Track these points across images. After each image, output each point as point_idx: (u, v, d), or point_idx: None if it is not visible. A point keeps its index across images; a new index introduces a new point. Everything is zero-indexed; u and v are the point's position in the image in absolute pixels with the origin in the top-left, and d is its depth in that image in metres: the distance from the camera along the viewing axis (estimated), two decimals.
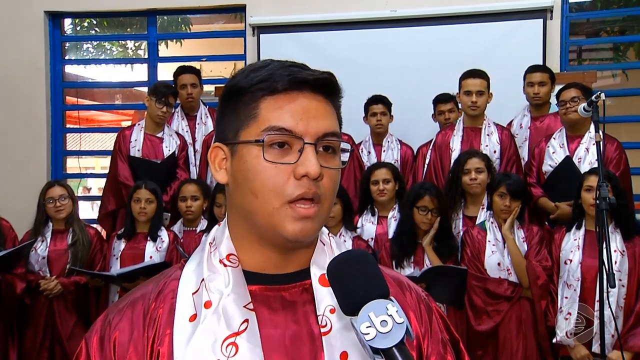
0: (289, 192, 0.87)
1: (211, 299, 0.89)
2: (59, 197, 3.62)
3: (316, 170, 0.86)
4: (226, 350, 0.86)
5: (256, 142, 0.88)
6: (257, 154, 0.88)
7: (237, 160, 0.90)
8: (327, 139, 0.90)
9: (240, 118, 0.91)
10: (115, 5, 5.48)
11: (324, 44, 5.05)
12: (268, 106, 0.89)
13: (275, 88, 0.89)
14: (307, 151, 0.87)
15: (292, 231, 0.88)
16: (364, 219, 3.71)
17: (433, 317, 1.00)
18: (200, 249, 0.97)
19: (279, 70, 0.89)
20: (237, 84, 0.92)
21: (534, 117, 4.12)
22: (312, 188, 0.87)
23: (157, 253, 3.56)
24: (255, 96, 0.90)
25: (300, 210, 0.87)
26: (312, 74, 0.91)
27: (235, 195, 0.92)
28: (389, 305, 0.78)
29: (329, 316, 0.90)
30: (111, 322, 0.92)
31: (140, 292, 0.95)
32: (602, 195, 2.53)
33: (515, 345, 3.21)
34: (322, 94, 0.92)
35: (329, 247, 0.97)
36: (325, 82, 0.92)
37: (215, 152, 0.94)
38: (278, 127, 0.87)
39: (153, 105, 4.05)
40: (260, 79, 0.89)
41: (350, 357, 0.88)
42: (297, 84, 0.89)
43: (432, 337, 0.98)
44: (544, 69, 4.06)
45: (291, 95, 0.89)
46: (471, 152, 3.63)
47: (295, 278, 0.94)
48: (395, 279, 1.01)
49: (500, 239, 3.30)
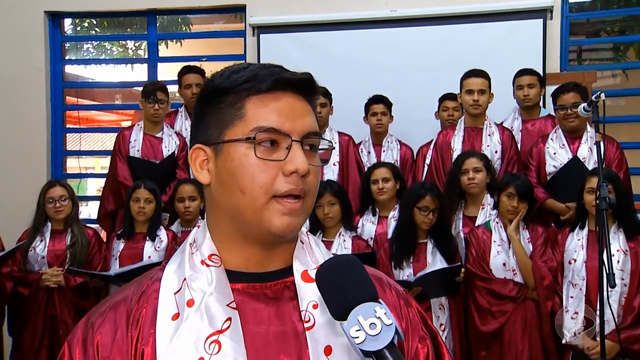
0: (277, 188, 0.89)
1: (194, 298, 0.90)
2: (59, 198, 3.61)
3: (306, 167, 0.89)
4: (209, 348, 0.87)
5: (247, 139, 0.89)
6: (246, 151, 0.90)
7: (223, 159, 0.92)
8: (310, 138, 0.93)
9: (224, 118, 0.92)
10: (115, 5, 5.48)
11: (324, 44, 5.05)
12: (254, 105, 0.91)
13: (260, 88, 0.91)
14: (294, 148, 0.90)
15: (280, 225, 0.90)
16: (365, 219, 3.71)
17: (412, 311, 1.02)
18: (180, 250, 0.98)
19: (261, 71, 0.92)
20: (219, 85, 0.94)
21: (524, 120, 4.14)
22: (300, 185, 0.90)
23: (155, 253, 3.56)
24: (239, 96, 0.92)
25: (287, 204, 0.90)
26: (294, 75, 0.94)
27: (220, 194, 0.93)
28: (377, 307, 0.80)
29: (312, 311, 0.92)
30: (94, 324, 0.92)
31: (122, 295, 0.96)
32: (602, 195, 2.53)
33: (520, 346, 3.21)
34: (302, 94, 0.95)
35: (308, 245, 1.00)
36: (307, 82, 0.95)
37: (196, 154, 0.95)
38: (267, 126, 0.90)
39: (145, 106, 4.10)
40: (244, 79, 0.92)
41: (334, 350, 0.89)
42: (281, 83, 0.92)
43: (412, 331, 1.00)
44: (532, 72, 4.09)
45: (276, 95, 0.92)
46: (469, 152, 3.63)
47: (278, 276, 0.95)
48: (375, 277, 1.01)
49: (505, 239, 3.30)
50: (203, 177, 0.95)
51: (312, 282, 0.92)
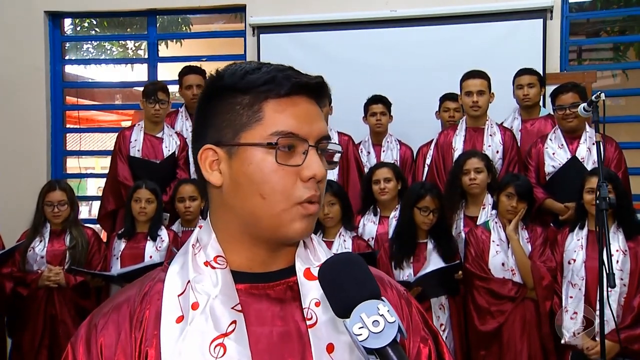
0: (299, 195, 0.89)
1: (198, 300, 0.90)
2: (58, 203, 3.60)
3: (323, 172, 0.90)
4: (214, 351, 0.87)
5: (268, 145, 0.88)
6: (264, 156, 0.89)
7: (239, 162, 0.90)
8: (323, 142, 0.93)
9: (239, 120, 0.90)
10: (115, 5, 5.48)
11: (324, 44, 5.05)
12: (272, 109, 0.90)
13: (279, 92, 0.90)
14: (311, 153, 0.90)
15: (300, 229, 0.91)
16: (366, 219, 3.71)
17: (413, 311, 1.02)
18: (183, 251, 0.98)
19: (279, 74, 0.90)
20: (234, 85, 0.91)
21: (524, 120, 4.14)
22: (317, 190, 0.91)
23: (157, 253, 3.56)
24: (257, 98, 0.90)
25: (309, 207, 0.90)
26: (311, 79, 0.93)
27: (233, 197, 0.92)
28: (380, 305, 0.79)
29: (314, 309, 0.92)
30: (97, 325, 0.92)
31: (124, 296, 0.95)
32: (602, 195, 2.54)
33: (519, 346, 3.21)
34: (315, 98, 0.94)
35: (311, 244, 0.99)
36: (321, 86, 0.94)
37: (206, 154, 0.93)
38: (287, 131, 0.89)
39: (145, 106, 4.10)
40: (263, 82, 0.90)
41: (336, 348, 0.89)
42: (299, 88, 0.91)
43: (413, 331, 1.00)
44: (532, 71, 4.09)
45: (293, 99, 0.91)
46: (470, 152, 3.64)
47: (280, 275, 0.95)
48: (376, 277, 1.01)
49: (504, 239, 3.30)
50: (215, 178, 0.93)
51: (314, 279, 0.91)
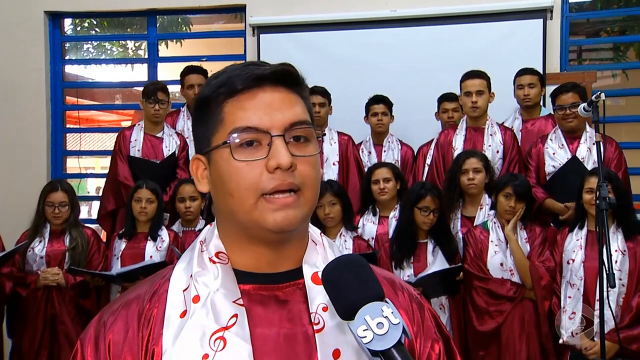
0: (263, 186, 0.88)
1: (199, 293, 0.90)
2: (59, 204, 3.61)
3: (287, 161, 0.87)
4: (214, 344, 0.86)
5: (223, 144, 0.90)
6: (227, 156, 0.90)
7: (213, 167, 0.93)
8: (295, 128, 0.90)
9: (209, 126, 0.93)
10: (115, 5, 5.48)
11: (324, 44, 5.05)
12: (231, 108, 0.91)
13: (234, 89, 0.90)
14: (276, 144, 0.88)
15: (274, 221, 0.88)
16: (365, 219, 3.71)
17: (425, 315, 1.00)
18: (191, 248, 0.99)
19: (236, 72, 0.91)
20: (202, 94, 0.94)
21: (524, 120, 4.15)
22: (287, 179, 0.88)
23: (157, 252, 3.56)
24: (218, 102, 0.92)
25: (277, 200, 0.88)
26: (268, 68, 0.92)
27: (217, 200, 0.94)
28: (384, 307, 0.79)
29: (322, 314, 0.90)
30: (106, 322, 0.93)
31: (134, 293, 0.96)
32: (602, 195, 2.54)
33: (518, 346, 3.21)
34: (283, 86, 0.92)
35: (321, 246, 0.98)
36: (283, 73, 0.92)
37: (196, 165, 0.96)
38: (243, 126, 0.89)
39: (145, 106, 4.10)
40: (219, 84, 0.92)
41: (343, 354, 0.88)
42: (256, 80, 0.90)
43: (424, 335, 0.98)
44: (533, 71, 4.10)
45: (251, 93, 0.90)
46: (469, 152, 3.64)
47: (289, 277, 0.94)
48: (387, 280, 1.01)
49: (503, 239, 3.30)
50: (203, 186, 0.96)
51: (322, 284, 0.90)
